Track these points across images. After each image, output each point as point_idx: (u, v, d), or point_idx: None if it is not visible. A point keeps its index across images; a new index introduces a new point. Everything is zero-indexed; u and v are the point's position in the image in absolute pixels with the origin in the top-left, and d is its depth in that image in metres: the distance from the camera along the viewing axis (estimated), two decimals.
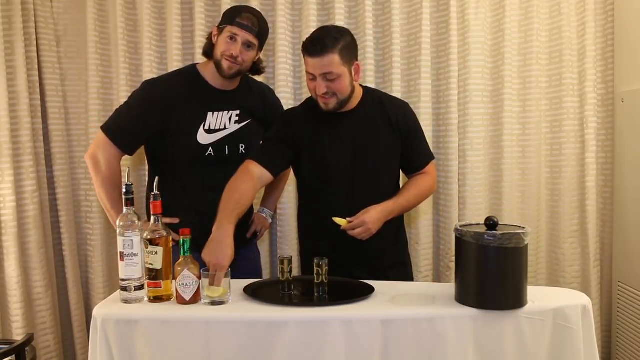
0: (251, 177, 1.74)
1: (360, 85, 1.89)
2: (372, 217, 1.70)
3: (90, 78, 2.44)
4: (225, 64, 1.84)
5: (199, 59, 2.40)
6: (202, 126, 1.89)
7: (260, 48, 1.91)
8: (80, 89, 2.50)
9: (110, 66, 2.50)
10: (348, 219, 1.70)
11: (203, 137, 1.89)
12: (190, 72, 1.96)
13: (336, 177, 1.82)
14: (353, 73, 1.76)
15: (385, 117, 1.85)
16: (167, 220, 1.70)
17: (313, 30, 2.39)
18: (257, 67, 1.96)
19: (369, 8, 2.44)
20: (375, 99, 1.88)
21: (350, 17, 2.50)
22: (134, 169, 2.48)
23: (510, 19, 2.48)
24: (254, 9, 1.98)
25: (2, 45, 2.23)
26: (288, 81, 2.47)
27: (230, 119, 1.93)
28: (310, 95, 1.83)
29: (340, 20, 2.43)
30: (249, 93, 2.00)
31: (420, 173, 1.93)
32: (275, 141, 1.84)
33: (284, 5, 2.45)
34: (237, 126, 1.95)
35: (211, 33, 1.91)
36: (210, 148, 1.90)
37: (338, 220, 1.70)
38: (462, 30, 2.47)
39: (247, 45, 1.84)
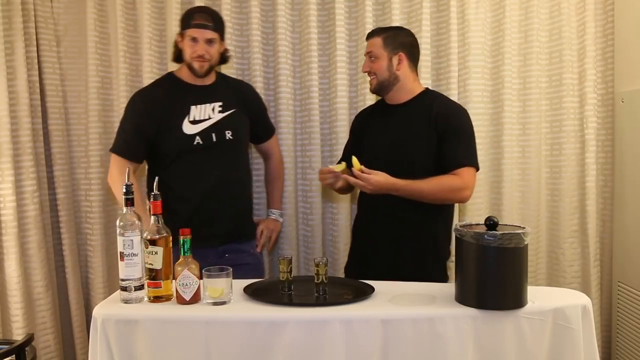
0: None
1: (426, 88, 2.04)
2: (379, 180, 1.78)
3: (90, 78, 2.43)
4: (196, 65, 2.00)
5: None
6: (186, 118, 2.03)
7: (222, 39, 2.07)
8: (80, 89, 2.50)
9: (110, 66, 2.50)
10: (362, 167, 1.79)
11: (188, 128, 2.02)
12: (168, 77, 2.13)
13: (372, 165, 1.85)
14: (394, 61, 1.93)
15: (427, 113, 1.92)
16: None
17: (313, 30, 2.44)
18: (223, 57, 2.11)
19: (369, 8, 2.44)
20: (429, 98, 1.98)
21: (350, 17, 2.50)
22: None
23: (510, 19, 2.48)
24: (204, 6, 2.15)
25: (2, 45, 2.23)
26: (288, 81, 2.47)
27: (213, 109, 2.07)
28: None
29: (340, 21, 2.42)
30: (226, 87, 2.15)
31: (450, 174, 1.86)
32: (350, 137, 2.19)
33: (284, 5, 2.45)
34: (221, 115, 2.07)
35: (176, 40, 2.06)
36: (198, 137, 2.02)
37: (355, 162, 1.79)
38: (462, 30, 2.47)
39: (209, 41, 1.99)
